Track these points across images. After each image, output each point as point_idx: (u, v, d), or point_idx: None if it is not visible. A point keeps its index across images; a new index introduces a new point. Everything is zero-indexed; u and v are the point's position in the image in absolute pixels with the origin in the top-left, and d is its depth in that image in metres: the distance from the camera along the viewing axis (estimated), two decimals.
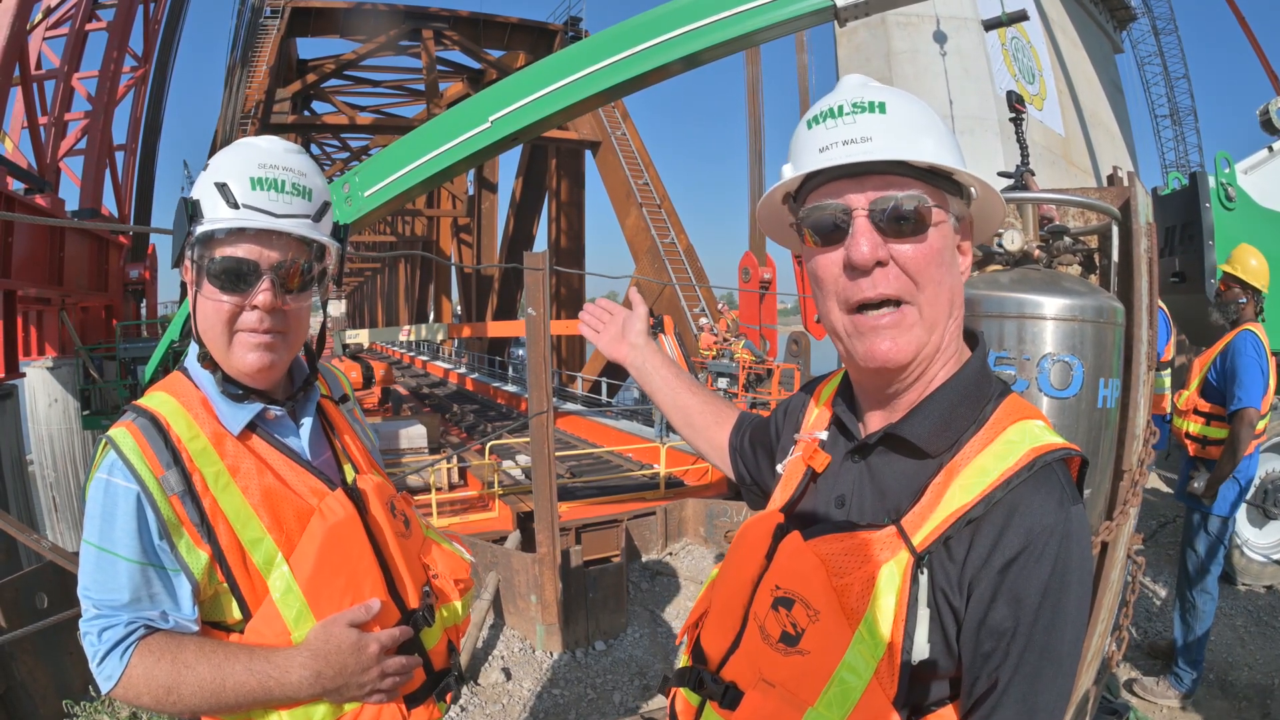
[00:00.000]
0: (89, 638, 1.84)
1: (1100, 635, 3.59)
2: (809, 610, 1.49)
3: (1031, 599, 1.36)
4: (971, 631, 1.41)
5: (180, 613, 1.85)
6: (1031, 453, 1.43)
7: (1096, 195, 3.51)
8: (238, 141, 1.96)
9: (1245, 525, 8.57)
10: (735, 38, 6.65)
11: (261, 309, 1.87)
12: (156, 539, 1.80)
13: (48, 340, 18.79)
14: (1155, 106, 55.38)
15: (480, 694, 6.58)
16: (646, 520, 10.58)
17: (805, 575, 1.51)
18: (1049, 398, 2.98)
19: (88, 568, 1.83)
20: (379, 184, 7.53)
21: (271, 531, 1.89)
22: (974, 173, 1.51)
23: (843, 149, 1.47)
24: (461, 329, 39.77)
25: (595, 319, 2.61)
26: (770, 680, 1.54)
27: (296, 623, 1.90)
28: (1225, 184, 10.61)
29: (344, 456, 2.19)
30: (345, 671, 1.90)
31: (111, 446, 1.81)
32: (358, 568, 2.00)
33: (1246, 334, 6.21)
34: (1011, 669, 1.38)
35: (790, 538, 1.59)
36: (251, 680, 1.82)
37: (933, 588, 1.42)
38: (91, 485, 1.83)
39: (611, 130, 34.57)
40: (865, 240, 1.44)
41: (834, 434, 1.73)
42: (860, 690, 1.42)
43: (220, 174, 1.86)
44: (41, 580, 6.58)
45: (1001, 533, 1.38)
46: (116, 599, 1.81)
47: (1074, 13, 30.50)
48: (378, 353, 60.97)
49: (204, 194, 1.86)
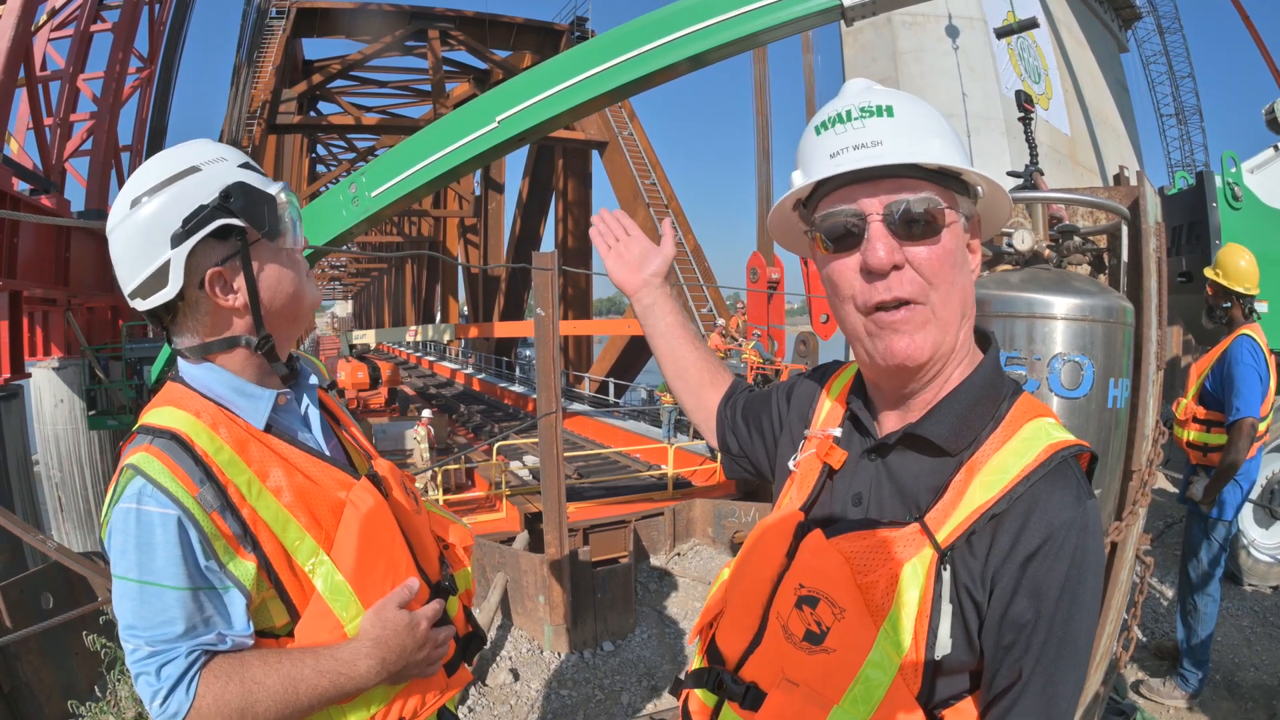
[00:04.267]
0: (145, 678, 1.74)
1: (1109, 636, 3.58)
2: (834, 608, 1.49)
3: (1052, 591, 1.39)
4: (994, 625, 1.43)
5: (235, 630, 1.80)
6: (1049, 449, 1.45)
7: (1105, 195, 3.50)
8: None
9: (1251, 526, 8.55)
10: (742, 38, 6.63)
11: None
12: (203, 560, 1.74)
13: (53, 340, 18.78)
14: (1160, 106, 55.26)
15: (488, 694, 6.58)
16: (654, 521, 10.60)
17: (830, 573, 1.52)
18: (1059, 398, 2.98)
19: (130, 605, 1.73)
20: (386, 184, 7.52)
21: (310, 530, 1.88)
22: (980, 171, 1.51)
23: (854, 154, 1.47)
24: (468, 329, 39.86)
25: (610, 233, 2.43)
26: (794, 679, 1.54)
27: (347, 614, 1.90)
28: (1231, 183, 10.58)
29: (353, 446, 2.21)
30: (405, 652, 1.92)
31: (136, 473, 1.74)
32: (393, 551, 2.02)
33: (1243, 339, 6.10)
34: (1034, 660, 1.40)
35: (813, 535, 1.59)
36: (323, 681, 1.82)
37: (955, 583, 1.44)
38: (116, 517, 1.74)
39: (618, 130, 34.59)
40: (882, 245, 1.45)
41: (849, 431, 1.73)
42: (885, 686, 1.43)
43: None
44: (47, 580, 6.59)
45: (1023, 528, 1.40)
46: (171, 631, 1.72)
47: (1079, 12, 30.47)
48: (384, 353, 61.10)
49: None
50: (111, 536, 1.74)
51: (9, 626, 5.94)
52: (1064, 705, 1.43)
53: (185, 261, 1.83)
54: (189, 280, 1.85)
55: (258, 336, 1.95)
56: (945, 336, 1.51)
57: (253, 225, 1.91)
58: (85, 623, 5.17)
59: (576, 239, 41.50)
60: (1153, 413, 3.46)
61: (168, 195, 1.85)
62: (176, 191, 1.85)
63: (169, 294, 1.84)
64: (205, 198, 1.86)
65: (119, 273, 1.89)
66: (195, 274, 1.86)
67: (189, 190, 1.86)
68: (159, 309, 1.89)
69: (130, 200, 1.86)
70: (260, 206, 1.93)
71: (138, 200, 1.85)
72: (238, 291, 1.91)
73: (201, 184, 1.88)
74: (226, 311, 1.92)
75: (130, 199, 1.86)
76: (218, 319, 1.93)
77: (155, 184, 1.86)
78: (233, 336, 1.94)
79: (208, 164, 1.91)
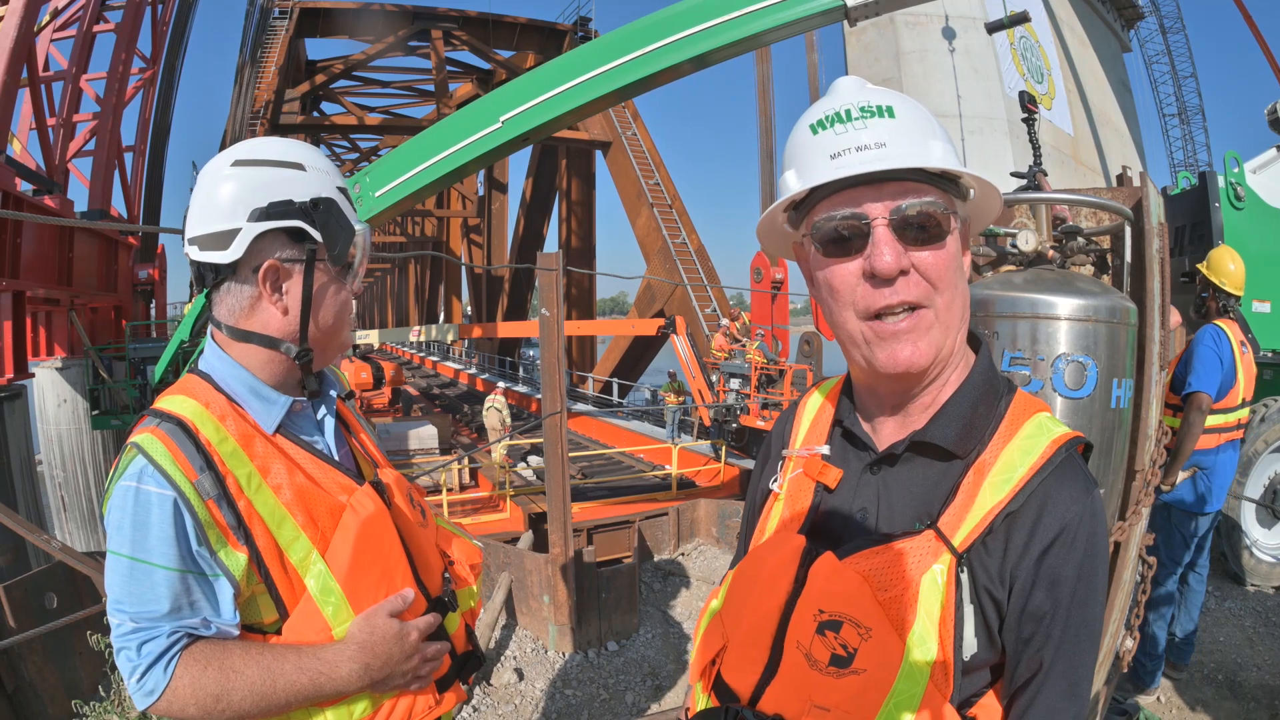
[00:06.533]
0: (126, 653, 1.78)
1: (1112, 635, 3.58)
2: (859, 629, 1.47)
3: (1069, 581, 1.41)
4: (1014, 620, 1.44)
5: (221, 618, 1.83)
6: (1053, 444, 1.46)
7: (1109, 195, 3.50)
8: None
9: (1254, 525, 8.56)
10: (746, 38, 6.64)
11: None
12: (195, 545, 1.76)
13: (57, 341, 18.82)
14: (1163, 105, 55.20)
15: (493, 694, 6.59)
16: (659, 521, 10.61)
17: (850, 595, 1.49)
18: (1063, 398, 2.98)
19: (119, 580, 1.77)
20: (390, 184, 7.53)
21: (306, 529, 1.89)
22: (974, 172, 1.49)
23: (857, 155, 1.43)
24: (472, 329, 39.77)
25: None
26: (824, 705, 1.50)
27: (336, 618, 1.90)
28: (1234, 183, 10.58)
29: (362, 454, 2.21)
30: (391, 661, 1.92)
31: (140, 452, 1.77)
32: (389, 560, 2.01)
33: (1208, 328, 6.35)
34: (1054, 649, 1.42)
35: (824, 559, 1.55)
36: (302, 679, 1.82)
37: (974, 584, 1.44)
38: (116, 494, 1.77)
39: (622, 130, 34.62)
40: (889, 250, 1.41)
41: (842, 446, 1.70)
42: (919, 697, 1.42)
43: None
44: (51, 580, 6.60)
45: (1037, 522, 1.41)
46: (155, 610, 1.76)
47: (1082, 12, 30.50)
48: (387, 353, 61.10)
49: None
50: (110, 512, 1.77)
51: (13, 627, 5.95)
52: (1085, 687, 1.45)
53: (251, 241, 1.87)
54: (247, 260, 1.89)
55: (299, 347, 1.98)
56: (946, 340, 1.50)
57: (325, 242, 1.96)
58: (89, 622, 5.17)
59: (580, 239, 41.54)
60: (1155, 413, 3.46)
61: (267, 174, 1.91)
62: (276, 175, 1.91)
63: (224, 259, 1.88)
64: (297, 195, 1.92)
65: (190, 213, 1.93)
66: (255, 257, 1.90)
67: (287, 180, 1.92)
68: (206, 268, 1.91)
69: (234, 159, 1.93)
70: (339, 231, 1.98)
71: (241, 162, 1.92)
72: (286, 295, 1.94)
73: (300, 181, 1.94)
74: (267, 308, 1.94)
75: (235, 158, 1.93)
76: (255, 311, 1.94)
77: (262, 158, 1.92)
78: (275, 338, 1.96)
79: (314, 169, 1.97)
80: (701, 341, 24.30)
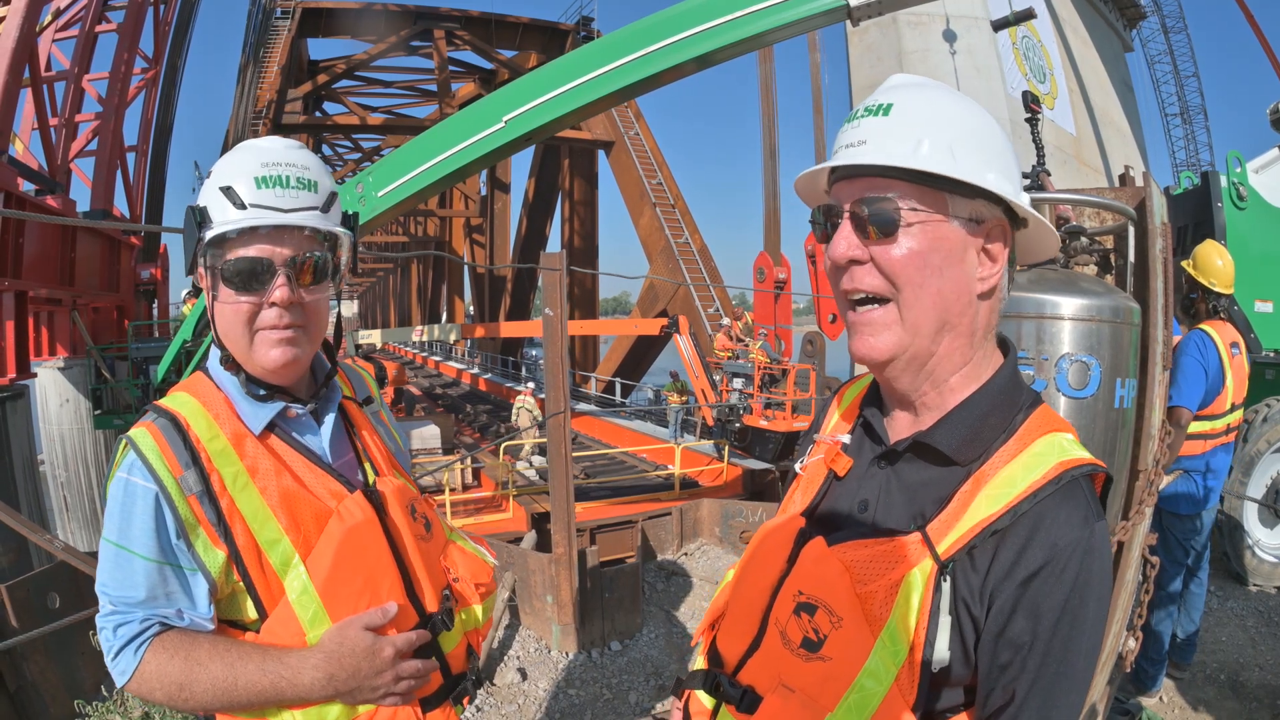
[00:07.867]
0: (104, 632, 1.88)
1: (1115, 635, 3.58)
2: (832, 616, 1.48)
3: (1051, 614, 1.36)
4: (990, 642, 1.41)
5: (196, 611, 1.87)
6: (1059, 466, 1.42)
7: (1112, 195, 3.50)
8: (238, 145, 1.97)
9: (1256, 525, 8.56)
10: (748, 37, 6.64)
11: (279, 304, 1.88)
12: (174, 538, 1.81)
13: (59, 340, 18.80)
14: (1165, 105, 55.09)
15: (496, 694, 6.59)
16: (662, 521, 10.62)
17: (829, 582, 1.51)
18: (1066, 398, 2.98)
19: (106, 564, 1.86)
20: (392, 184, 7.53)
21: (289, 533, 1.89)
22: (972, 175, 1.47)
23: (845, 152, 1.53)
24: (474, 329, 39.75)
25: None
26: (790, 685, 1.53)
27: (312, 624, 1.90)
28: (1237, 183, 10.57)
29: (364, 458, 2.18)
30: (359, 674, 1.89)
31: (131, 446, 1.83)
32: (376, 570, 1.99)
33: (1194, 333, 6.18)
34: (1028, 683, 1.38)
35: (814, 543, 1.58)
36: (264, 680, 1.83)
37: (954, 596, 1.42)
38: (111, 484, 1.85)
39: (624, 130, 34.64)
40: (844, 239, 1.50)
41: (860, 437, 1.72)
42: (880, 697, 1.42)
43: (224, 177, 1.88)
44: (53, 580, 6.61)
45: (1025, 546, 1.38)
46: (132, 596, 1.84)
47: (1084, 11, 30.50)
48: (390, 353, 61.05)
49: (210, 199, 1.88)
50: (108, 500, 1.85)
51: (15, 627, 5.95)
52: None
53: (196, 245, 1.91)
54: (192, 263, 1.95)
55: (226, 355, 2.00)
56: (914, 340, 1.50)
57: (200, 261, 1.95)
58: (91, 622, 5.17)
59: (583, 239, 41.55)
60: (1159, 413, 3.46)
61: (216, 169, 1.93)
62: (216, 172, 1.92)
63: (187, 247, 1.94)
64: (205, 202, 1.91)
65: None
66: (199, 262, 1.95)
67: (208, 186, 1.92)
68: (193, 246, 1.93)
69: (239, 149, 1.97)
70: (187, 239, 1.94)
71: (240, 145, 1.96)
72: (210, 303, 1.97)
73: (208, 187, 1.92)
74: None
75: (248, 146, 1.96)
76: None
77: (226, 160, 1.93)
78: (228, 355, 1.98)
79: (214, 172, 1.94)
80: (704, 341, 24.31)
